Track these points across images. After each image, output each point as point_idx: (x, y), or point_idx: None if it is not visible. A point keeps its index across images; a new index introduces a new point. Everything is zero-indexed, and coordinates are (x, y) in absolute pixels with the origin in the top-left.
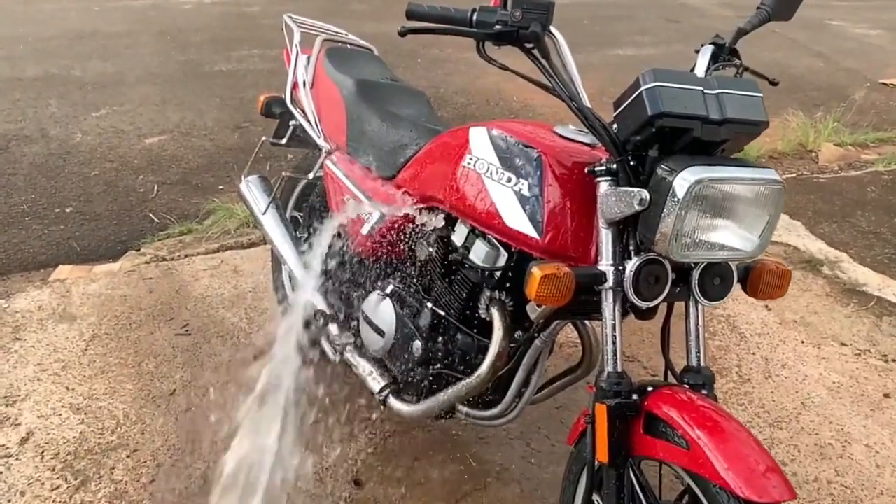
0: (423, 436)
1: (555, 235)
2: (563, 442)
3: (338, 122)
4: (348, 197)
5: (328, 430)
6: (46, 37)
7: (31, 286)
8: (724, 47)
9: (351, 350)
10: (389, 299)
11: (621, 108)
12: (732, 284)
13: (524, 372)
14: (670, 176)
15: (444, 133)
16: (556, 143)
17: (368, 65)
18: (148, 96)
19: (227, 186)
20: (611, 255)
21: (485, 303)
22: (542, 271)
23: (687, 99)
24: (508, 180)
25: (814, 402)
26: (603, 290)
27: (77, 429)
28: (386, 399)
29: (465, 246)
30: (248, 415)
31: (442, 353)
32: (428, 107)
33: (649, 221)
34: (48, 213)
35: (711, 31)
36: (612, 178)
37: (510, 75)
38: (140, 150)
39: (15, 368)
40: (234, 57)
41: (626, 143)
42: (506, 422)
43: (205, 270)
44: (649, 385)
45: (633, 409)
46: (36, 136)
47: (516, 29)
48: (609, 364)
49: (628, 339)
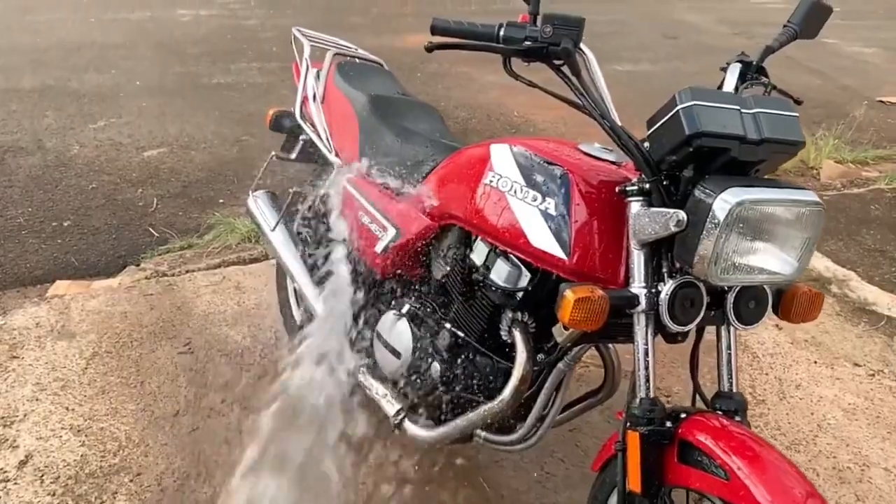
0: (434, 457)
1: (582, 256)
2: (578, 466)
3: (350, 137)
4: (362, 213)
5: (338, 455)
6: (43, 48)
7: (28, 302)
8: (752, 65)
9: (364, 371)
10: (406, 319)
11: (655, 127)
12: (767, 308)
13: (546, 396)
14: (709, 197)
15: (463, 149)
16: (582, 161)
17: (380, 79)
18: (146, 108)
19: (228, 200)
20: (643, 277)
21: (506, 324)
22: (576, 294)
23: (724, 118)
24: (534, 199)
25: (830, 425)
26: (635, 314)
27: (78, 451)
28: (401, 422)
29: (485, 265)
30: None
31: (461, 376)
32: (441, 122)
33: (687, 243)
34: (45, 227)
35: (709, 47)
36: (645, 199)
37: (510, 90)
38: (139, 163)
39: (12, 388)
40: (232, 69)
41: (661, 163)
42: (526, 447)
43: (206, 286)
44: (682, 412)
45: (666, 436)
46: (32, 147)
47: (546, 45)
48: (641, 390)
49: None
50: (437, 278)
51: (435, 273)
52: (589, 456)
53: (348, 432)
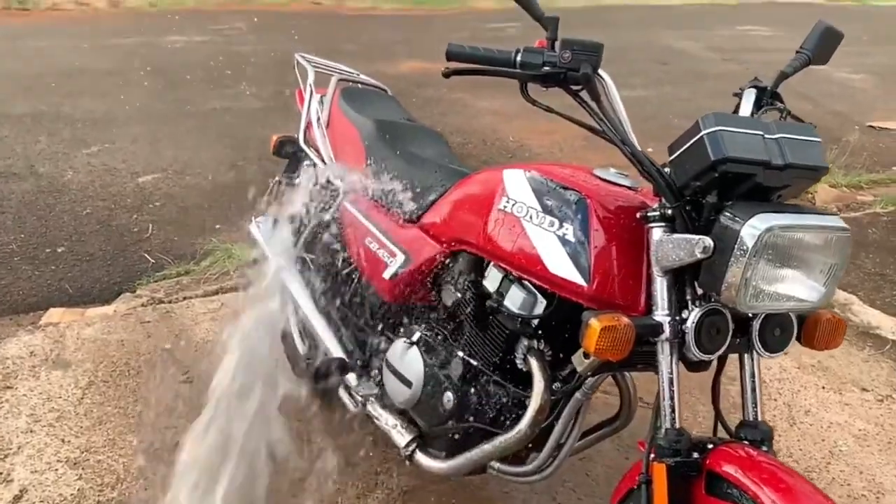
0: (443, 488)
1: (602, 282)
2: (589, 496)
3: (356, 163)
4: (369, 239)
5: (345, 487)
6: (34, 73)
7: (21, 330)
8: (766, 90)
9: (373, 401)
10: (416, 347)
11: (678, 153)
12: (793, 335)
13: (563, 426)
14: (737, 224)
15: (473, 175)
16: (599, 186)
17: (384, 105)
18: (140, 134)
19: (224, 226)
20: (667, 304)
21: (522, 352)
22: (602, 322)
23: (749, 143)
24: (551, 224)
25: (842, 451)
26: (659, 342)
27: (75, 485)
28: (413, 454)
29: (498, 292)
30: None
31: (474, 405)
32: (447, 148)
33: (714, 270)
34: (38, 254)
35: (699, 73)
36: (667, 225)
37: (505, 115)
38: (133, 189)
39: (6, 419)
40: (226, 95)
41: (684, 189)
42: (541, 478)
43: (205, 314)
44: (709, 442)
45: (693, 468)
46: (25, 173)
47: (566, 70)
48: (666, 420)
49: (650, 390)
50: (447, 305)
51: (445, 299)
52: (600, 485)
53: (355, 463)
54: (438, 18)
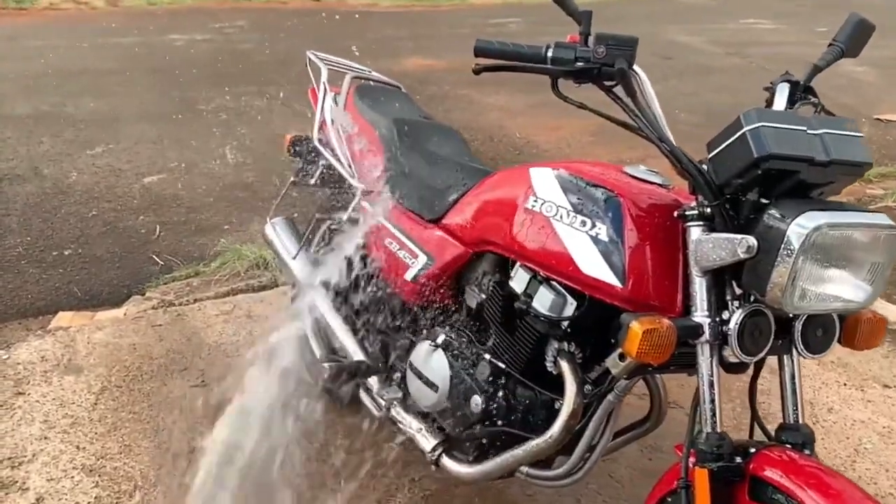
0: (466, 491)
1: (638, 283)
2: (614, 498)
3: (374, 162)
4: (389, 240)
5: (366, 492)
6: (35, 74)
7: (31, 335)
8: (799, 85)
9: (396, 405)
10: (442, 350)
11: (719, 150)
12: (835, 335)
13: (594, 429)
14: (782, 223)
15: (496, 173)
16: (631, 184)
17: (400, 102)
18: (144, 134)
19: (233, 226)
20: (706, 305)
21: (552, 355)
22: (643, 325)
23: (792, 140)
24: (582, 224)
25: (867, 449)
26: (699, 344)
27: (91, 493)
28: (439, 459)
29: (526, 293)
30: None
31: (503, 409)
32: (465, 145)
33: (758, 271)
34: (45, 257)
35: (704, 67)
36: (706, 223)
37: (511, 112)
38: (139, 190)
39: (19, 426)
40: (229, 94)
41: (724, 187)
42: (571, 482)
43: (217, 315)
44: (751, 446)
45: (737, 473)
46: (29, 175)
47: (599, 66)
48: (707, 424)
49: (670, 386)
50: (470, 306)
51: (468, 301)
52: (624, 487)
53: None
54: (439, 14)
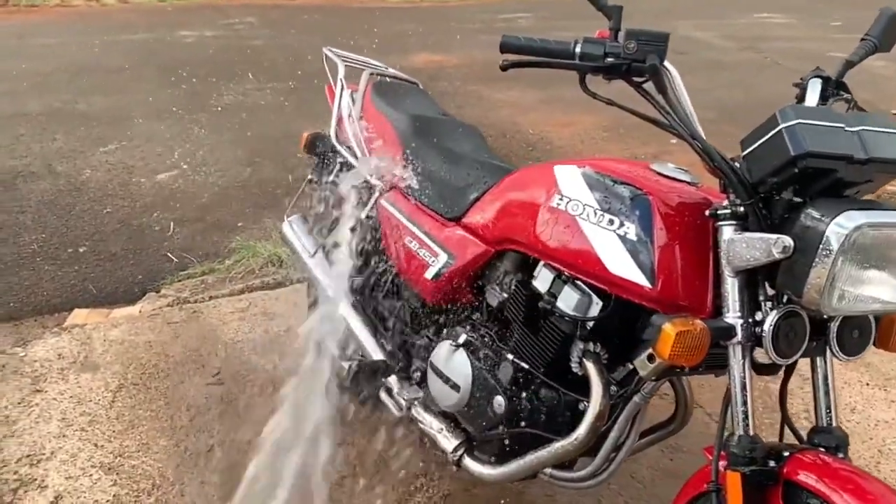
0: (486, 492)
1: (667, 283)
2: (635, 498)
3: (392, 160)
4: (409, 238)
5: (385, 491)
6: (46, 71)
7: (47, 332)
8: (831, 80)
9: (416, 405)
10: (463, 350)
11: (753, 148)
12: (871, 337)
13: (619, 431)
14: (820, 223)
15: (519, 171)
16: (660, 182)
17: (418, 99)
18: (156, 131)
19: (246, 224)
20: (738, 306)
21: (577, 355)
22: (676, 327)
23: (830, 137)
24: (610, 223)
25: (891, 450)
26: (731, 345)
27: (110, 491)
28: (461, 459)
29: (550, 293)
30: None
31: (526, 410)
32: (484, 142)
33: (795, 271)
34: (60, 254)
35: (717, 62)
36: (738, 223)
37: (522, 108)
38: (152, 187)
39: (37, 424)
40: (241, 90)
41: (759, 185)
42: (595, 484)
43: (232, 313)
44: (784, 449)
45: (770, 477)
46: (43, 172)
47: (629, 62)
48: (739, 427)
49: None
50: (491, 305)
51: (489, 300)
52: (646, 487)
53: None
54: (448, 10)
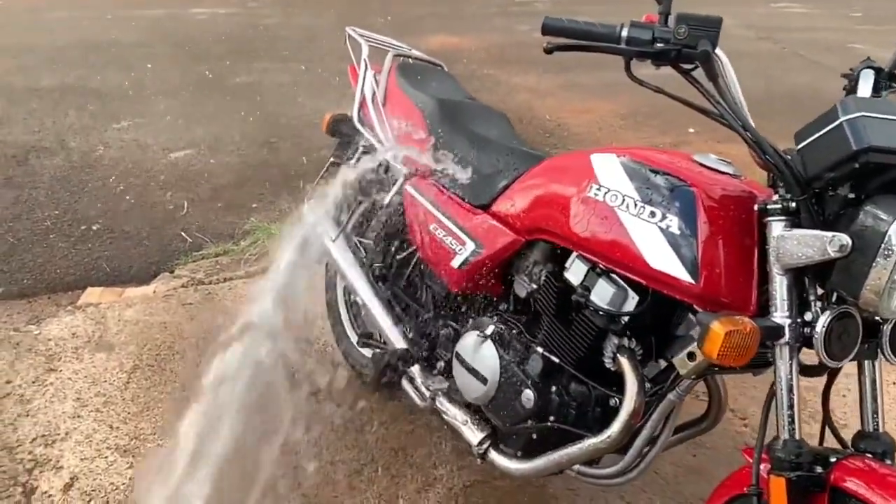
0: (505, 484)
1: (711, 279)
2: (659, 494)
3: (418, 144)
4: (434, 225)
5: (403, 481)
6: (59, 46)
7: (61, 310)
8: (883, 72)
9: (440, 396)
10: (491, 341)
11: (809, 141)
12: None
13: (652, 428)
14: (882, 222)
15: (551, 159)
16: (703, 174)
17: (443, 82)
18: (169, 108)
19: (262, 205)
20: (787, 305)
21: (610, 350)
22: (725, 326)
23: (893, 131)
24: (651, 215)
25: None
26: (777, 346)
27: (126, 473)
28: (486, 452)
29: (583, 285)
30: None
31: (556, 405)
32: (511, 128)
33: (852, 271)
34: (73, 231)
35: (734, 51)
36: (789, 219)
37: (538, 93)
38: (166, 165)
39: (52, 403)
40: (254, 69)
41: (814, 180)
42: (624, 481)
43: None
44: (831, 454)
45: (816, 483)
46: (56, 148)
47: (679, 48)
48: (785, 430)
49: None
50: (519, 296)
51: (517, 290)
52: (669, 483)
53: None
54: None
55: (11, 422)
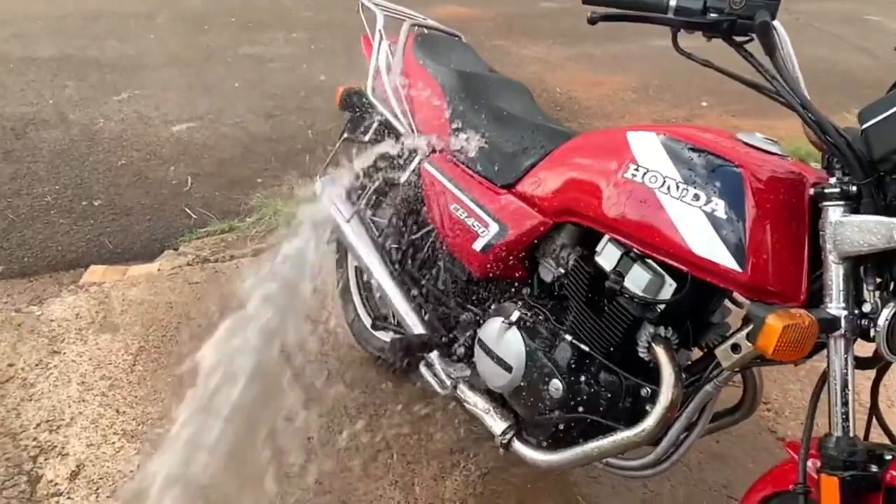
0: (527, 473)
1: (759, 267)
2: (682, 483)
3: (437, 120)
4: (455, 206)
5: (419, 468)
6: (59, 15)
7: (64, 290)
8: None
9: (462, 383)
10: (516, 328)
11: (877, 120)
12: None
13: (686, 420)
14: None
15: (581, 137)
16: (750, 154)
17: (462, 54)
18: (171, 80)
19: (267, 180)
20: (843, 296)
21: (645, 339)
22: (782, 320)
23: None
24: (695, 198)
25: None
26: (832, 339)
27: (134, 460)
28: (510, 442)
29: (616, 271)
30: None
31: (585, 396)
32: (535, 103)
33: None
34: (75, 207)
35: None
36: (848, 204)
37: (549, 65)
38: (168, 139)
39: (56, 387)
40: (258, 40)
41: (879, 163)
42: (654, 474)
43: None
44: (886, 452)
45: (871, 483)
46: (55, 120)
47: (735, 18)
48: (838, 428)
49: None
50: (545, 280)
51: (543, 275)
52: (692, 471)
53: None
54: None
55: (14, 407)
